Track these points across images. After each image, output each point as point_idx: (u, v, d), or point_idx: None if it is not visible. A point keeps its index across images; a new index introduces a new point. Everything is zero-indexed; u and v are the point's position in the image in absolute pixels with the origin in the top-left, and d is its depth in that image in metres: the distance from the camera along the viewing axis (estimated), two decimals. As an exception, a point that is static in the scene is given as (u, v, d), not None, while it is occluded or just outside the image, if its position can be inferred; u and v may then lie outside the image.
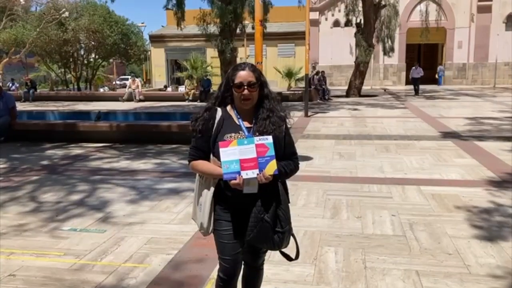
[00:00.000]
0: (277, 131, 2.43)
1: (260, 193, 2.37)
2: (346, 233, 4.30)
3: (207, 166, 2.44)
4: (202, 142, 2.46)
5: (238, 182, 2.27)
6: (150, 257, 3.84)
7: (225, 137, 2.40)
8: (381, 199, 5.39)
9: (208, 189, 2.47)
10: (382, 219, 4.70)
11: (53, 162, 7.85)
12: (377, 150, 8.48)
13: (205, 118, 2.47)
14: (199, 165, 2.46)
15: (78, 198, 5.59)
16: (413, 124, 12.16)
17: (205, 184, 2.49)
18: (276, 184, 2.43)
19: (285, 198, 2.49)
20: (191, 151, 2.50)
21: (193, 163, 2.49)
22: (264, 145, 2.32)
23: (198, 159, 2.47)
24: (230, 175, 2.28)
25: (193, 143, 2.50)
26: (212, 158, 2.44)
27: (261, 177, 2.28)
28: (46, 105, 20.06)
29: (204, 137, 2.45)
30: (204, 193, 2.48)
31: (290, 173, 2.49)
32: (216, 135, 2.43)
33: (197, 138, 2.48)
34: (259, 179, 2.28)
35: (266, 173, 2.28)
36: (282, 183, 2.50)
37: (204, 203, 2.48)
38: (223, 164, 2.29)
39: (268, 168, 2.30)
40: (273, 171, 2.30)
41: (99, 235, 4.35)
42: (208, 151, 2.45)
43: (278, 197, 2.44)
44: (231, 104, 2.50)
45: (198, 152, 2.47)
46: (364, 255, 3.80)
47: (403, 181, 6.20)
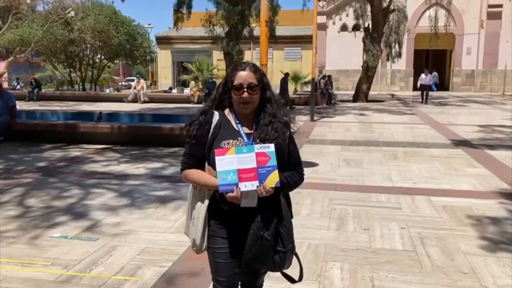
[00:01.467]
0: (280, 139, 2.18)
1: (260, 207, 2.12)
2: (353, 247, 4.03)
3: (201, 176, 2.19)
4: (196, 149, 2.21)
5: (236, 195, 2.02)
6: (143, 269, 3.58)
7: (222, 144, 2.15)
8: (389, 210, 5.11)
9: (202, 201, 2.22)
10: (391, 232, 4.42)
11: (50, 164, 7.63)
12: (385, 157, 8.20)
13: (200, 122, 2.22)
14: (192, 175, 2.21)
15: (72, 203, 5.35)
16: (422, 130, 11.86)
17: (199, 196, 2.24)
18: (278, 198, 2.18)
19: (287, 213, 2.23)
20: (184, 159, 2.26)
21: (185, 172, 2.24)
22: (265, 154, 2.07)
23: (191, 167, 2.22)
24: (227, 187, 2.03)
25: (186, 150, 2.26)
26: (207, 167, 2.19)
27: (261, 189, 2.03)
28: (50, 105, 19.91)
29: (198, 143, 2.20)
30: (198, 206, 2.23)
31: (294, 185, 2.24)
32: (212, 142, 2.18)
33: (191, 145, 2.23)
34: (259, 192, 2.03)
35: (267, 186, 2.03)
36: (284, 197, 2.25)
37: (197, 217, 2.23)
38: (219, 174, 2.04)
39: (269, 180, 2.04)
40: (275, 183, 2.05)
41: (90, 244, 4.11)
42: (202, 159, 2.20)
43: (280, 212, 2.19)
44: (229, 108, 2.26)
45: (192, 160, 2.22)
46: (372, 272, 3.53)
47: (413, 191, 5.92)
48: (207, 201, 2.19)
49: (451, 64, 33.42)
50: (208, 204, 2.19)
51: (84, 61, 29.21)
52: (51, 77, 35.68)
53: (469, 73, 32.41)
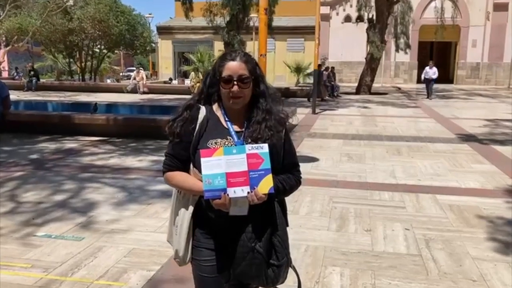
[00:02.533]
0: (275, 138, 1.93)
1: (251, 216, 1.88)
2: (354, 250, 3.79)
3: (185, 179, 1.94)
4: (180, 149, 1.96)
5: (223, 202, 1.77)
6: (128, 273, 3.35)
7: (209, 143, 1.90)
8: (393, 209, 4.86)
9: (186, 208, 1.97)
10: (394, 233, 4.18)
11: (43, 157, 7.39)
12: (388, 152, 7.94)
13: (184, 118, 1.97)
14: (175, 178, 1.96)
15: (61, 199, 5.11)
16: (426, 125, 11.58)
17: (183, 201, 1.99)
18: (271, 205, 1.93)
19: (282, 222, 1.98)
20: (166, 160, 2.00)
21: (168, 175, 1.99)
22: (257, 156, 1.82)
23: (174, 169, 1.97)
24: (213, 193, 1.79)
25: (168, 150, 2.00)
26: (192, 170, 1.94)
27: (252, 196, 1.78)
28: (49, 95, 19.65)
29: (182, 142, 1.94)
30: (181, 212, 1.98)
31: (290, 190, 1.99)
32: (197, 141, 1.92)
33: (174, 144, 1.97)
34: (250, 199, 1.78)
35: (259, 191, 1.78)
36: (279, 203, 2.00)
37: (180, 225, 1.98)
38: (204, 178, 1.79)
39: (262, 185, 1.79)
40: (268, 189, 1.79)
41: (75, 244, 3.88)
42: (187, 161, 1.95)
43: (274, 221, 1.94)
44: (218, 103, 2.00)
45: (175, 161, 1.97)
46: (374, 279, 3.29)
47: (417, 188, 5.67)
48: (191, 208, 1.95)
49: (456, 57, 32.97)
50: (192, 211, 1.94)
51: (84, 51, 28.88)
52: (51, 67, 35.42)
53: (474, 66, 31.98)
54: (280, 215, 1.97)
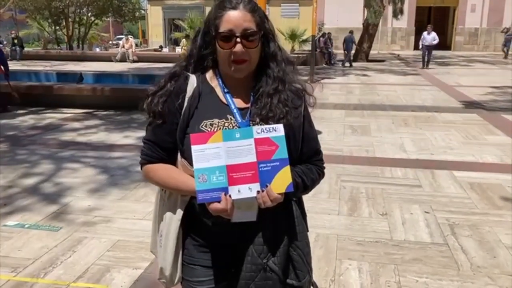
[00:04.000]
0: (292, 116, 1.41)
1: (262, 222, 1.38)
2: (371, 239, 3.32)
3: (170, 174, 1.42)
4: (162, 134, 1.43)
5: (223, 206, 1.26)
6: (111, 272, 2.86)
7: (202, 125, 1.38)
8: (408, 188, 4.39)
9: (172, 212, 1.46)
10: (413, 217, 3.71)
11: (20, 132, 6.80)
12: (394, 123, 7.43)
13: (168, 92, 1.44)
14: (157, 173, 1.45)
15: (36, 182, 4.57)
16: (430, 93, 11.04)
17: (169, 203, 1.48)
18: (288, 207, 1.44)
19: (303, 229, 1.48)
20: (144, 149, 1.48)
21: (147, 169, 1.47)
22: (269, 141, 1.31)
23: (156, 161, 1.45)
24: (209, 194, 1.28)
25: (148, 135, 1.47)
26: (181, 161, 1.42)
27: (264, 197, 1.27)
28: (34, 65, 18.77)
29: (166, 125, 1.42)
30: (167, 218, 1.47)
31: (312, 185, 1.48)
32: (186, 123, 1.40)
33: (154, 127, 1.45)
34: (260, 201, 1.27)
35: (274, 190, 1.27)
36: (297, 203, 1.50)
37: (166, 235, 1.47)
38: (197, 174, 1.28)
39: (277, 182, 1.29)
40: (286, 187, 1.29)
41: (51, 235, 3.37)
42: (173, 149, 1.43)
43: (292, 229, 1.44)
44: (213, 69, 1.46)
45: (156, 150, 1.45)
46: (398, 275, 2.83)
47: (432, 164, 5.18)
48: (180, 212, 1.44)
49: (454, 22, 32.14)
50: (181, 216, 1.43)
51: (70, 18, 27.66)
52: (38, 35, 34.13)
53: (473, 32, 31.22)
54: (300, 220, 1.47)
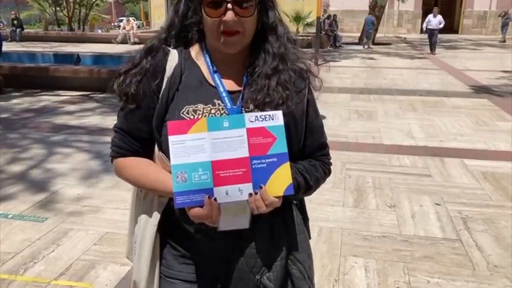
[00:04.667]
0: (293, 101, 1.16)
1: (255, 230, 1.15)
2: (378, 233, 3.09)
3: (144, 171, 1.18)
4: (136, 121, 1.18)
5: (207, 212, 1.02)
6: (97, 268, 2.64)
7: (184, 111, 1.14)
8: (417, 178, 4.14)
9: (148, 214, 1.22)
10: (423, 210, 3.47)
11: (13, 115, 6.55)
12: (402, 108, 7.14)
13: (143, 70, 1.18)
14: (129, 168, 1.21)
15: (25, 168, 4.34)
16: (438, 77, 10.70)
17: (144, 205, 1.24)
18: (287, 212, 1.19)
19: (304, 238, 1.25)
20: (115, 139, 1.23)
21: (118, 163, 1.23)
22: (265, 132, 1.07)
23: (128, 154, 1.21)
24: (190, 197, 1.04)
25: (119, 122, 1.23)
26: (158, 155, 1.19)
27: (257, 200, 1.03)
28: (34, 46, 18.47)
29: (141, 110, 1.17)
30: (142, 222, 1.23)
31: (315, 186, 1.23)
32: (165, 108, 1.16)
33: (126, 113, 1.19)
34: (253, 205, 1.03)
35: (270, 193, 1.02)
36: (298, 207, 1.26)
37: (140, 242, 1.23)
38: (175, 171, 1.03)
39: (274, 182, 1.05)
40: (284, 188, 1.04)
41: (35, 226, 3.16)
42: (148, 140, 1.19)
43: (292, 238, 1.21)
44: (199, 44, 1.20)
45: (129, 140, 1.20)
46: (407, 275, 2.60)
47: (441, 151, 4.92)
48: (157, 216, 1.20)
49: (462, 5, 31.43)
50: (158, 221, 1.19)
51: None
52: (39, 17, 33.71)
53: (481, 15, 30.55)
54: (301, 228, 1.23)
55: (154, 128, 1.15)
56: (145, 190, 1.20)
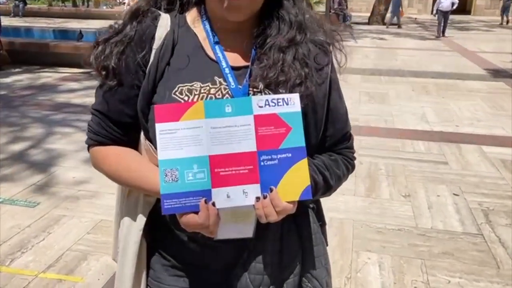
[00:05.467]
0: (313, 82, 0.92)
1: (261, 239, 0.93)
2: (392, 226, 2.87)
3: (127, 165, 0.97)
4: (117, 103, 0.96)
5: (202, 221, 0.80)
6: (89, 260, 2.45)
7: (176, 92, 0.90)
8: (433, 165, 3.90)
9: (133, 217, 1.01)
10: (440, 200, 3.24)
11: (12, 92, 6.34)
12: (415, 90, 6.86)
13: (127, 39, 0.95)
14: (109, 161, 1.00)
15: (22, 148, 4.14)
16: (450, 58, 10.35)
17: (128, 204, 1.03)
18: (303, 217, 0.98)
19: (322, 249, 1.03)
20: (91, 123, 1.01)
21: (95, 153, 1.02)
22: (278, 120, 0.85)
23: (108, 143, 0.99)
24: (181, 201, 0.83)
25: (96, 103, 1.00)
26: (145, 144, 0.97)
27: (266, 206, 0.80)
28: (37, 22, 18.15)
29: (123, 89, 0.95)
30: (126, 224, 1.03)
31: (337, 185, 1.01)
32: (152, 86, 0.93)
33: (105, 92, 0.97)
34: (260, 212, 0.80)
35: (282, 197, 0.80)
36: (314, 211, 1.04)
37: (123, 248, 1.02)
38: (164, 168, 0.81)
39: (288, 183, 0.83)
40: (301, 192, 0.82)
41: (26, 212, 2.96)
42: (132, 126, 0.96)
43: (308, 250, 1.00)
44: (197, 8, 0.97)
45: (108, 126, 0.98)
46: (425, 273, 2.39)
47: (457, 137, 4.67)
48: (142, 219, 0.99)
49: (475, -15, 30.62)
50: (144, 224, 0.98)
51: (76, -26, 26.71)
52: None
53: (495, -5, 29.74)
54: (318, 237, 1.02)
55: (139, 111, 0.92)
56: (128, 187, 0.98)
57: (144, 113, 0.92)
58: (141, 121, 0.93)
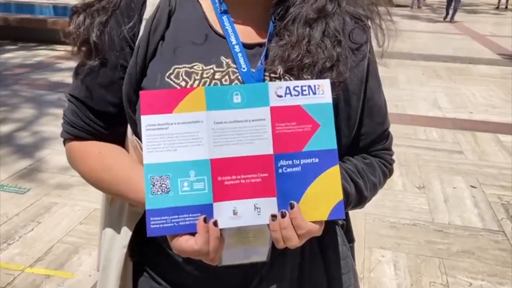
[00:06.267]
0: (347, 65, 0.71)
1: (277, 265, 0.72)
2: (407, 220, 2.68)
3: (108, 164, 0.75)
4: (97, 86, 0.75)
5: (200, 247, 0.59)
6: (80, 254, 2.27)
7: (171, 75, 0.68)
8: (447, 154, 3.69)
9: (116, 229, 0.81)
10: (457, 193, 3.04)
11: (6, 70, 6.09)
12: (425, 74, 6.60)
13: (111, 7, 0.73)
14: (87, 159, 0.78)
15: (12, 129, 3.93)
16: (461, 42, 10.03)
17: (111, 212, 0.83)
18: (330, 236, 0.77)
19: (352, 277, 0.82)
20: (67, 112, 0.79)
21: (71, 149, 0.80)
22: (302, 113, 0.63)
23: (86, 137, 0.78)
24: (173, 219, 0.62)
25: (72, 88, 0.79)
26: (132, 140, 0.75)
27: (286, 228, 0.59)
28: (36, -2, 17.77)
29: (105, 69, 0.73)
30: (108, 237, 0.83)
31: (371, 195, 0.80)
32: (141, 66, 0.70)
33: (85, 73, 0.76)
34: (277, 236, 0.59)
35: (305, 215, 0.59)
36: (343, 226, 0.84)
37: (104, 267, 0.83)
38: (150, 174, 0.59)
39: (314, 197, 0.62)
40: (331, 209, 0.60)
41: (15, 199, 2.77)
42: (116, 117, 0.75)
43: (337, 279, 0.79)
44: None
45: (86, 116, 0.77)
46: (444, 274, 2.20)
47: (472, 125, 4.44)
48: (127, 234, 0.80)
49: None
50: (130, 239, 0.77)
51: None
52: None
53: (505, -22, 29.04)
54: (349, 263, 0.82)
55: (124, 98, 0.71)
56: (111, 195, 0.78)
57: (130, 102, 0.71)
58: (127, 112, 0.72)
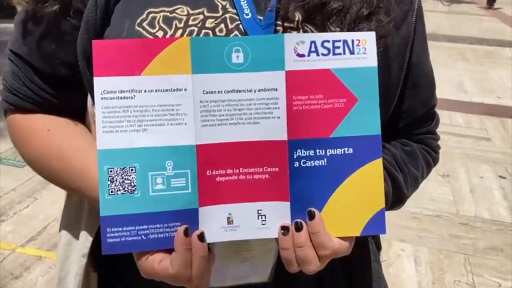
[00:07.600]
0: (389, 15, 0.48)
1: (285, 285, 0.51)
2: (429, 211, 2.47)
3: (59, 148, 0.55)
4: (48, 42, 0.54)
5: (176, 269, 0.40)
6: (76, 234, 2.12)
7: (143, 21, 0.46)
8: (473, 141, 3.45)
9: (74, 233, 0.62)
10: (484, 183, 2.82)
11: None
12: (450, 57, 6.28)
13: None
14: (33, 139, 0.58)
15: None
16: (489, 24, 9.59)
17: (69, 210, 0.63)
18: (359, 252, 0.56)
19: None
20: (8, 76, 0.59)
21: (12, 123, 0.60)
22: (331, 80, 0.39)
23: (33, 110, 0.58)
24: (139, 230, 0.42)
25: (13, 44, 0.58)
26: (92, 113, 0.55)
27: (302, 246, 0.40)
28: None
29: (56, 18, 0.52)
30: (63, 241, 0.64)
31: (411, 192, 0.59)
32: (104, 12, 0.49)
33: (31, 23, 0.55)
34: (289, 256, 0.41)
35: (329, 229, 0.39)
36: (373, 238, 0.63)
37: (60, 280, 0.63)
38: (106, 164, 0.39)
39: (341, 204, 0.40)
40: (366, 221, 0.42)
41: (13, 172, 2.64)
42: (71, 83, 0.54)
43: None
44: None
45: (32, 80, 0.56)
46: (470, 272, 2.01)
47: (500, 110, 4.17)
48: (87, 240, 0.59)
49: None
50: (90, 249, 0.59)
51: None
52: None
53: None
54: (381, 282, 0.62)
55: (79, 55, 0.52)
56: (61, 187, 0.59)
57: (88, 59, 0.51)
58: (84, 74, 0.52)
